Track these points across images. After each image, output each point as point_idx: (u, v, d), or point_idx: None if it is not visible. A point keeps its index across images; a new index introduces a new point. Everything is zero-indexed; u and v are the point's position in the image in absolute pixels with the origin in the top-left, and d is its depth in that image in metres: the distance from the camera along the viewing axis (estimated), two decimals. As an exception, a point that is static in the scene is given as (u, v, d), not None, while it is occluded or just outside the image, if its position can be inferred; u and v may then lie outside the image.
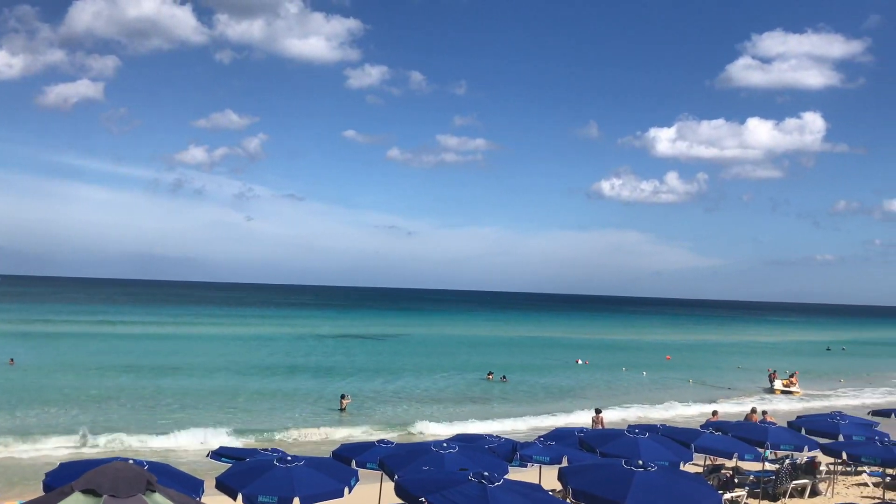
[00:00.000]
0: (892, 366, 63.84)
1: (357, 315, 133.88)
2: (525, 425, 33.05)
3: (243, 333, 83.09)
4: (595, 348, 77.36)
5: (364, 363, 57.35)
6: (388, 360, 60.78)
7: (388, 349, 71.52)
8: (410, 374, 50.96)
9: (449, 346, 75.25)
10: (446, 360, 61.53)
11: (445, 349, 72.07)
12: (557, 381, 50.00)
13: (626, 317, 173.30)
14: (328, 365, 55.29)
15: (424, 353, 67.78)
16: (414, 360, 60.92)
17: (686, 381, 52.39)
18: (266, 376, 47.42)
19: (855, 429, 21.24)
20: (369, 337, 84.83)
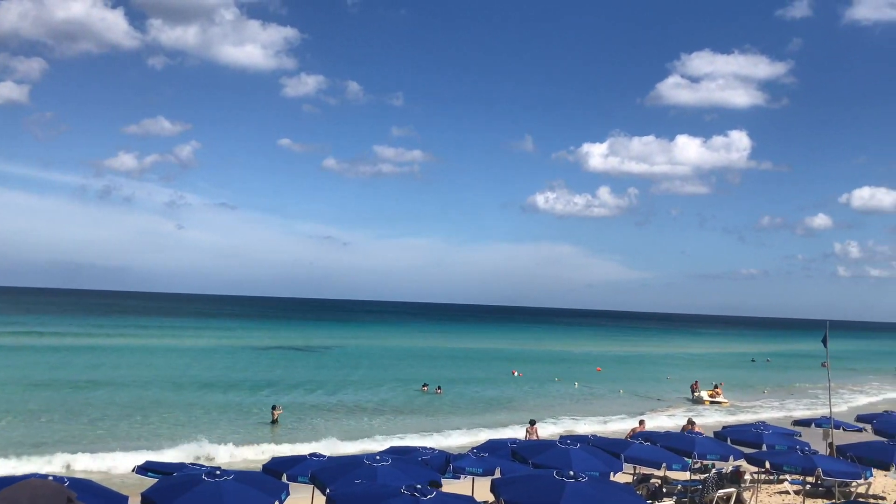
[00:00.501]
0: (812, 377, 66.04)
1: (291, 326, 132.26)
2: (460, 437, 33.11)
3: (174, 345, 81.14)
4: (529, 360, 78.06)
5: (297, 375, 56.65)
6: (322, 371, 60.17)
7: (322, 361, 70.83)
8: (344, 386, 50.56)
9: (384, 358, 74.94)
10: (381, 371, 61.28)
11: (380, 361, 71.76)
12: (492, 393, 50.25)
13: (560, 328, 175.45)
14: (261, 377, 54.45)
15: (359, 364, 67.35)
16: (348, 371, 60.47)
17: (617, 391, 53.27)
18: (197, 389, 46.39)
19: (777, 438, 21.92)
20: (303, 348, 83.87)
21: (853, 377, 69.23)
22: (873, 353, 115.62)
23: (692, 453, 19.35)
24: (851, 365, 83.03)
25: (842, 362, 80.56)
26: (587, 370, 69.08)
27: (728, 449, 20.35)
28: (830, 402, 27.88)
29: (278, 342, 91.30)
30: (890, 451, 19.00)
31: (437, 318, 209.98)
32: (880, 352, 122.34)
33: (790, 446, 20.43)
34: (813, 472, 18.49)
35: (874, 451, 19.53)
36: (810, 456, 18.83)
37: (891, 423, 25.19)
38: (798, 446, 20.26)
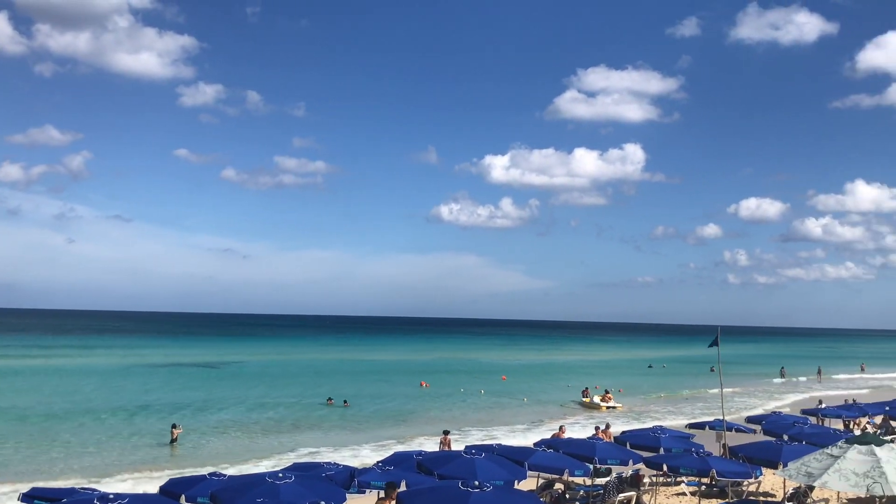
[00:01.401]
0: (705, 381, 68.74)
1: (189, 342, 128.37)
2: (367, 451, 32.81)
3: (64, 365, 77.38)
4: (435, 370, 78.24)
5: (197, 392, 54.95)
6: (223, 388, 58.62)
7: (223, 377, 69.02)
8: (247, 402, 49.40)
9: (287, 373, 73.66)
10: (284, 386, 60.17)
11: (283, 376, 70.48)
12: (399, 405, 50.07)
13: (465, 338, 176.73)
14: (158, 396, 52.55)
15: (261, 380, 65.95)
16: (250, 387, 59.12)
17: (521, 399, 53.99)
18: (89, 410, 44.34)
19: (674, 442, 22.67)
20: (202, 365, 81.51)
21: (743, 380, 72.24)
22: (761, 357, 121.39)
23: (593, 459, 19.77)
24: (741, 368, 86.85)
25: (732, 366, 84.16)
26: (493, 379, 69.76)
27: (628, 453, 20.89)
28: (723, 405, 29.00)
29: (176, 359, 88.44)
30: (778, 451, 19.90)
31: (341, 331, 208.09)
32: (768, 355, 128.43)
33: (686, 449, 21.16)
34: (707, 473, 19.22)
35: (763, 451, 20.42)
36: (705, 458, 19.55)
37: (778, 424, 26.39)
38: (693, 449, 21.01)
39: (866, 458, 13.53)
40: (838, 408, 36.92)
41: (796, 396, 59.72)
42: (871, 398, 50.07)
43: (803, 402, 52.65)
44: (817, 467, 13.94)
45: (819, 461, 14.16)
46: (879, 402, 39.53)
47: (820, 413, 35.40)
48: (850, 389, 64.48)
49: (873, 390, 64.45)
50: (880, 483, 12.87)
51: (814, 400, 49.58)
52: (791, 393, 63.61)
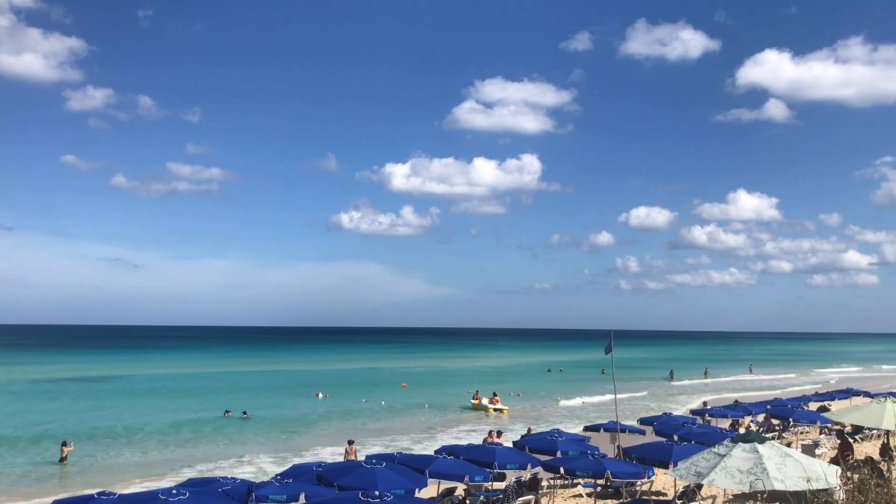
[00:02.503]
0: (599, 384, 70.74)
1: (78, 356, 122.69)
2: (267, 464, 32.20)
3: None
4: (336, 380, 77.53)
5: (88, 408, 52.61)
6: (117, 402, 56.30)
7: (116, 391, 66.23)
8: (141, 417, 47.63)
9: (183, 385, 71.45)
10: (181, 399, 58.33)
11: (180, 388, 68.33)
12: (299, 416, 49.29)
13: (366, 347, 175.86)
14: (45, 412, 50.07)
15: (157, 393, 63.74)
16: (145, 401, 57.04)
17: (422, 406, 54.10)
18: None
19: (570, 444, 23.18)
20: (93, 379, 78.02)
21: (636, 383, 74.66)
22: (652, 360, 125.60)
23: (493, 464, 20.01)
24: (634, 371, 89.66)
25: (625, 369, 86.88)
26: (394, 387, 69.65)
27: (526, 457, 21.25)
28: (616, 407, 29.90)
29: (63, 374, 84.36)
30: (668, 451, 20.65)
31: (239, 342, 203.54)
32: (658, 358, 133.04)
33: (582, 451, 21.71)
34: (603, 474, 19.74)
35: (655, 452, 21.15)
36: (600, 459, 20.10)
37: (669, 425, 27.38)
38: (589, 451, 21.57)
39: (750, 456, 14.21)
40: (724, 408, 38.61)
41: (686, 397, 62.13)
42: (756, 398, 52.56)
43: (692, 402, 54.82)
44: (705, 466, 14.54)
45: (707, 460, 14.77)
46: (762, 402, 41.57)
47: (707, 413, 36.91)
48: (737, 390, 67.63)
49: (757, 391, 67.61)
50: (762, 479, 13.53)
51: (701, 401, 51.71)
52: (681, 394, 66.12)
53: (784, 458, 14.14)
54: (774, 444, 14.89)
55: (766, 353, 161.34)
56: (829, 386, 68.56)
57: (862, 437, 33.52)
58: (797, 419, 34.19)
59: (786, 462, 14.00)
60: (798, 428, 36.45)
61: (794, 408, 36.56)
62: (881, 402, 21.51)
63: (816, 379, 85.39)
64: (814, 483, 12.33)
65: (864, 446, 31.02)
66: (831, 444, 30.71)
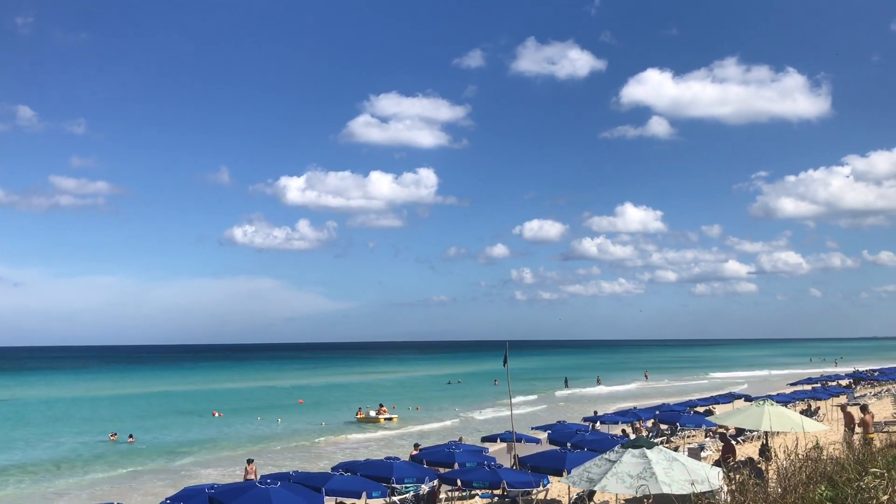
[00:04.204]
0: (496, 393, 71.68)
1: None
2: (157, 487, 30.98)
3: None
4: (230, 399, 75.54)
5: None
6: (-11, 429, 53.17)
7: (-11, 417, 62.56)
8: (20, 443, 45.23)
9: (64, 409, 68.06)
10: (61, 424, 55.52)
11: (60, 412, 65.05)
12: (191, 436, 47.75)
13: (260, 364, 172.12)
14: None
15: (35, 418, 60.46)
16: (24, 426, 54.14)
17: (319, 423, 53.35)
18: None
19: (468, 456, 23.32)
20: (-36, 404, 73.41)
21: (532, 392, 75.92)
22: (548, 369, 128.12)
23: (391, 479, 19.92)
24: (530, 381, 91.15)
25: (521, 379, 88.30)
26: (290, 404, 68.45)
27: (424, 471, 21.26)
28: (512, 417, 30.27)
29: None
30: (562, 458, 21.05)
31: (127, 361, 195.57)
32: (553, 367, 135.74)
33: (479, 462, 21.87)
34: (499, 485, 19.98)
35: (549, 460, 21.52)
36: (496, 470, 20.30)
37: (562, 433, 27.96)
38: (486, 462, 21.75)
39: (639, 461, 14.64)
40: (615, 414, 39.74)
41: (580, 405, 63.54)
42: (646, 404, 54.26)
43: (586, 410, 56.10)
44: (597, 472, 14.89)
45: (599, 466, 15.14)
46: (651, 407, 42.97)
47: (599, 420, 37.87)
48: (628, 397, 69.69)
49: (647, 396, 69.80)
50: (650, 483, 13.96)
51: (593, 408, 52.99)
52: (576, 402, 67.62)
53: (671, 462, 14.63)
54: (662, 449, 15.39)
55: (656, 360, 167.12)
56: (714, 390, 71.57)
57: (743, 438, 35.09)
58: (684, 423, 35.48)
59: (673, 466, 14.48)
60: (685, 432, 37.84)
61: (681, 412, 37.94)
62: (760, 404, 22.57)
63: (701, 384, 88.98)
64: (698, 485, 12.80)
65: (745, 448, 32.47)
66: (715, 447, 31.99)
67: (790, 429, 20.16)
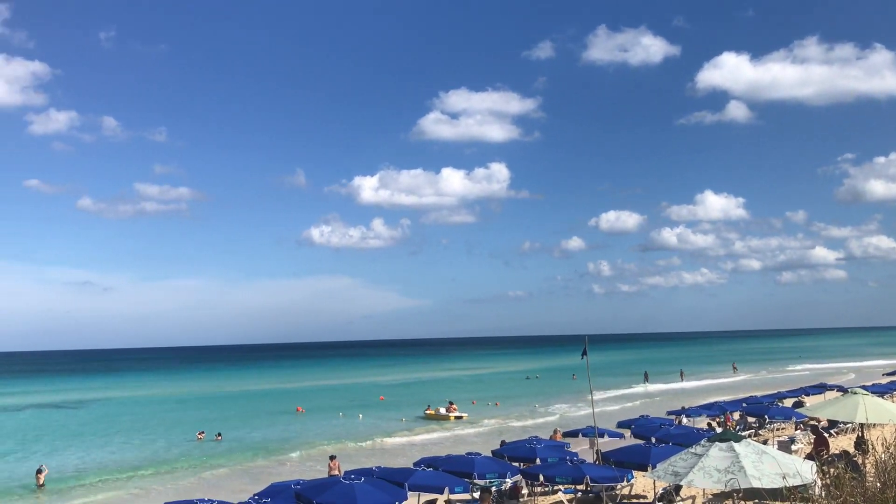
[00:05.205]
0: (573, 388, 71.06)
1: (47, 381, 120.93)
2: (243, 484, 31.74)
3: None
4: (312, 396, 76.98)
5: (60, 433, 51.90)
6: (88, 427, 55.55)
7: (87, 416, 65.31)
8: (114, 441, 47.03)
9: (155, 408, 70.51)
10: (153, 422, 57.55)
11: (151, 411, 67.43)
12: (276, 433, 48.85)
13: (340, 361, 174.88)
14: (18, 439, 49.32)
15: (129, 416, 62.85)
16: (117, 425, 56.26)
17: (399, 419, 53.88)
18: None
19: (549, 451, 23.15)
20: (63, 405, 76.84)
21: (611, 386, 74.89)
22: (627, 363, 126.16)
23: (472, 474, 19.93)
24: (609, 375, 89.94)
25: (601, 373, 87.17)
26: (370, 400, 69.33)
27: (505, 466, 21.19)
28: (594, 411, 29.94)
29: (32, 400, 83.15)
30: (647, 453, 20.69)
31: (211, 361, 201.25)
32: (633, 360, 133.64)
33: (561, 458, 21.65)
34: (582, 480, 19.74)
35: (633, 455, 21.18)
36: (578, 465, 20.08)
37: (646, 427, 27.47)
38: (568, 457, 21.53)
39: (727, 455, 14.28)
40: (700, 407, 38.83)
41: (662, 399, 62.41)
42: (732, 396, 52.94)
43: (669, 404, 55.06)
44: (683, 466, 14.58)
45: (684, 460, 14.82)
46: (737, 400, 41.90)
47: (684, 413, 37.10)
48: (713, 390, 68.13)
49: (732, 389, 68.12)
50: (738, 477, 13.59)
51: (677, 402, 52.01)
52: (658, 396, 66.46)
53: (760, 456, 14.22)
54: (750, 442, 14.98)
55: (741, 351, 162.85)
56: (803, 381, 69.31)
57: (837, 431, 33.89)
58: (772, 416, 34.48)
59: (762, 459, 14.08)
60: (773, 425, 36.76)
61: (768, 405, 36.89)
62: (854, 395, 21.74)
63: (790, 375, 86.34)
64: (790, 479, 12.38)
65: (839, 440, 31.35)
66: (807, 440, 30.97)
67: (888, 420, 19.38)
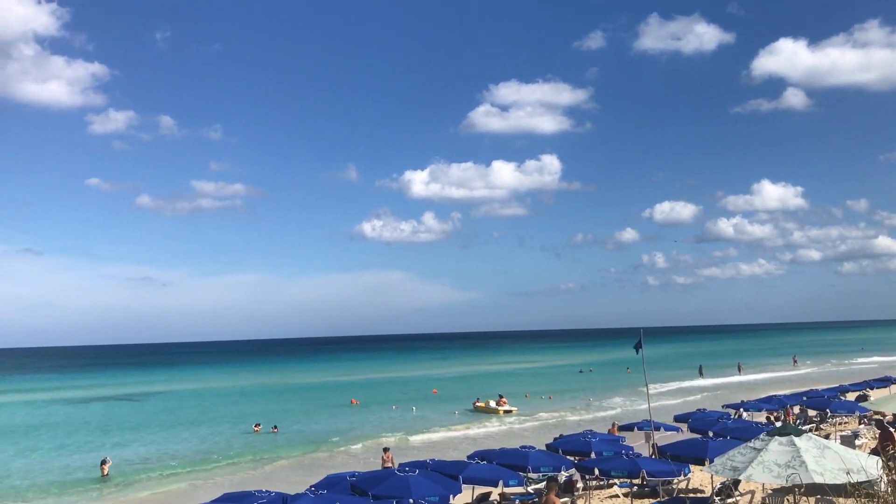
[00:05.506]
0: (628, 382, 70.31)
1: (109, 375, 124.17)
2: (298, 475, 32.19)
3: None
4: (365, 389, 77.62)
5: (122, 426, 53.17)
6: (149, 419, 56.89)
7: (148, 408, 66.96)
8: (173, 433, 48.06)
9: (212, 401, 71.90)
10: (211, 414, 58.73)
11: (209, 404, 68.79)
12: (330, 426, 49.41)
13: (392, 354, 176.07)
14: (82, 431, 50.81)
15: (187, 409, 64.23)
16: (176, 417, 57.55)
17: (452, 413, 54.03)
18: (11, 451, 42.66)
19: (604, 445, 22.98)
20: (124, 398, 78.90)
21: (666, 380, 73.95)
22: (683, 356, 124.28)
23: (527, 468, 19.88)
24: (664, 368, 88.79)
25: (655, 366, 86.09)
26: (423, 393, 69.65)
27: (560, 460, 21.10)
28: (649, 405, 29.60)
29: (96, 393, 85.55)
30: (704, 447, 20.40)
31: (266, 355, 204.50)
32: (689, 353, 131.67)
33: (616, 452, 21.48)
34: (638, 474, 19.54)
35: (690, 449, 20.91)
36: (634, 459, 19.89)
37: (703, 421, 27.09)
38: (623, 451, 21.35)
39: (787, 449, 13.98)
40: (759, 401, 38.11)
41: (719, 393, 61.43)
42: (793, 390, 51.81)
43: (726, 398, 54.16)
44: (742, 461, 14.33)
45: (743, 455, 14.56)
46: (798, 394, 40.96)
47: (742, 407, 36.45)
48: (771, 383, 66.73)
49: (791, 383, 66.67)
50: (800, 472, 13.30)
51: (735, 396, 51.11)
52: (715, 390, 65.39)
53: (822, 451, 13.90)
54: (812, 437, 14.65)
55: (801, 344, 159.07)
56: (867, 374, 67.45)
57: (901, 425, 32.94)
58: (834, 410, 33.69)
59: (824, 454, 13.76)
60: (836, 419, 35.89)
61: (830, 398, 36.04)
62: (920, 389, 21.11)
63: (853, 368, 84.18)
64: (854, 475, 12.09)
65: (904, 435, 30.46)
66: (871, 435, 30.18)
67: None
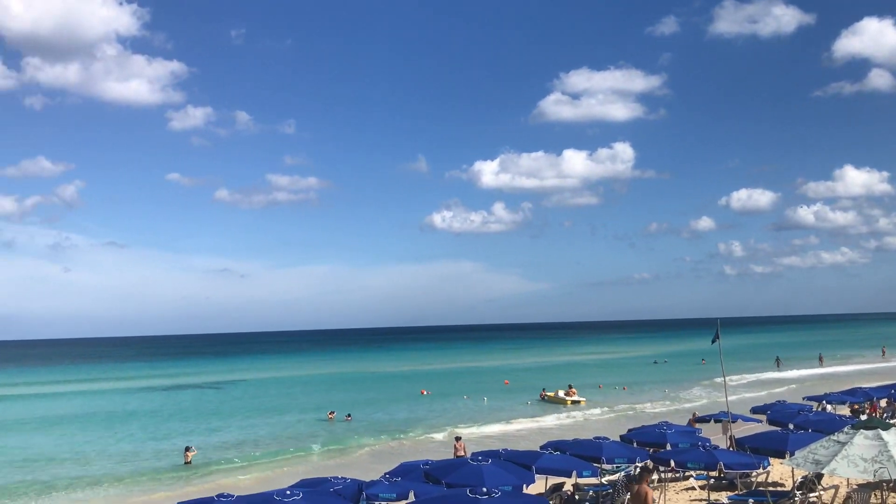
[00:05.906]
0: (703, 373, 69.04)
1: (191, 364, 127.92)
2: (373, 463, 32.67)
3: (62, 392, 77.30)
4: (437, 378, 78.16)
5: (204, 413, 54.88)
6: (229, 407, 58.53)
7: (228, 396, 68.86)
8: (252, 420, 49.32)
9: (289, 389, 73.48)
10: (287, 402, 60.04)
11: (285, 392, 70.33)
12: (402, 414, 49.98)
13: (464, 345, 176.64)
14: (166, 418, 52.66)
15: (265, 397, 65.86)
16: (255, 405, 59.06)
17: (525, 403, 53.95)
18: (99, 437, 44.45)
19: (680, 437, 22.57)
20: (206, 386, 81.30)
21: (743, 371, 72.22)
22: (761, 347, 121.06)
23: (601, 459, 19.72)
24: (741, 359, 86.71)
25: (732, 357, 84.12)
26: (495, 384, 69.69)
27: (634, 451, 20.84)
28: (727, 396, 28.94)
29: (179, 381, 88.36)
30: (784, 440, 19.84)
31: (340, 344, 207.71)
32: (767, 344, 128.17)
33: (692, 443, 21.09)
34: (715, 466, 19.15)
35: (770, 441, 20.36)
36: (711, 451, 19.49)
37: (783, 413, 26.35)
38: (700, 443, 20.96)
39: (873, 443, 13.50)
40: (842, 393, 36.87)
41: (800, 385, 59.70)
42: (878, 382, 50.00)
43: (806, 390, 52.60)
44: (825, 455, 13.91)
45: (826, 448, 14.12)
46: (885, 386, 39.49)
47: (825, 400, 35.34)
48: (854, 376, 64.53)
49: (875, 375, 64.30)
50: (888, 467, 12.84)
51: (817, 388, 49.60)
52: (795, 382, 63.57)
53: (912, 445, 13.37)
54: (900, 431, 14.11)
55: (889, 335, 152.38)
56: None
57: None
58: (923, 403, 32.36)
59: (914, 449, 13.24)
60: (925, 413, 34.50)
61: (919, 392, 34.62)
62: None
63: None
64: (947, 470, 11.62)
65: None
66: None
67: None
